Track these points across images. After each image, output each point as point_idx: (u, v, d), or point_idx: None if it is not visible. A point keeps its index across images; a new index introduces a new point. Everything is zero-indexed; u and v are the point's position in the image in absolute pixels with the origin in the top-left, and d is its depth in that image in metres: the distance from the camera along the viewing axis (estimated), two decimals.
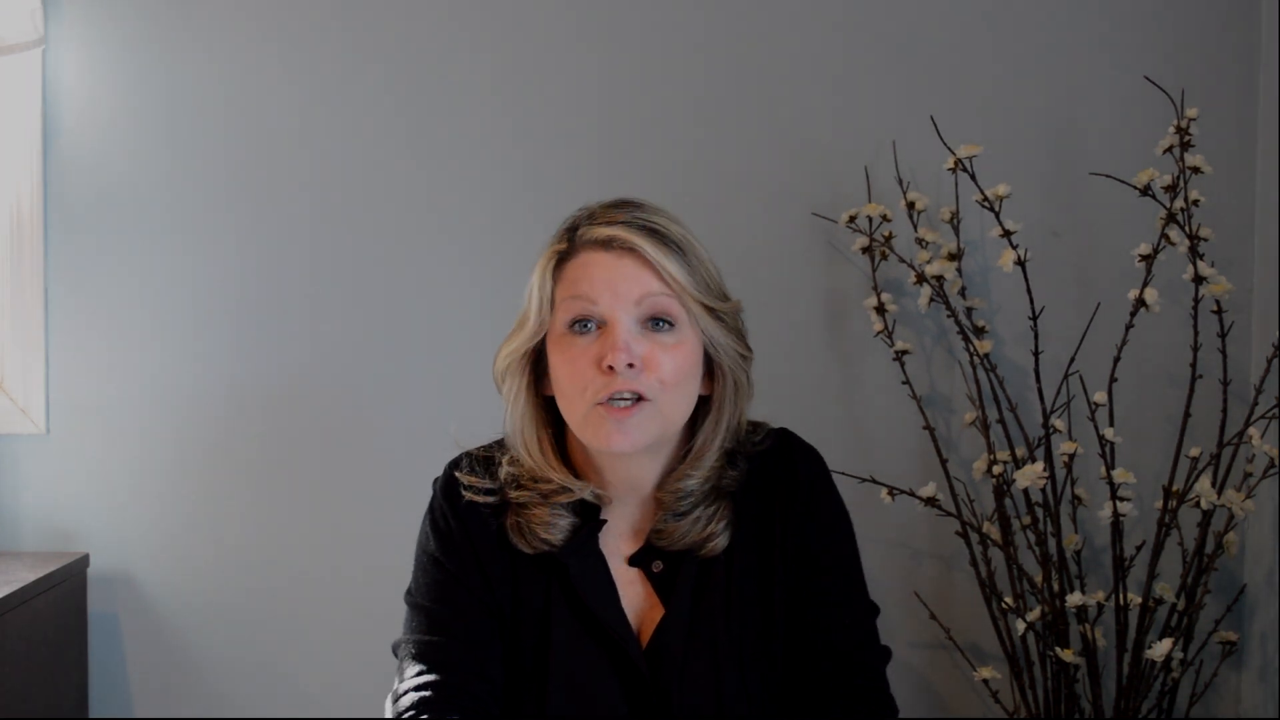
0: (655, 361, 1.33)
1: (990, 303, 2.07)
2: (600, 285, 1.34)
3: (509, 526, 1.41)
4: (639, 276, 1.34)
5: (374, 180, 2.09)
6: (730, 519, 1.41)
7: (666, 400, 1.35)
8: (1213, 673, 2.00)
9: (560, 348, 1.36)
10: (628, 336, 1.33)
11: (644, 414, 1.33)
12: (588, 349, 1.34)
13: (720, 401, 1.41)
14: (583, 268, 1.35)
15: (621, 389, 1.32)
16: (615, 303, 1.34)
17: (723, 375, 1.41)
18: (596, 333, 1.34)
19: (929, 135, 1.98)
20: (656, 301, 1.34)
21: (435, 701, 1.35)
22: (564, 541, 1.40)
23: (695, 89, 2.08)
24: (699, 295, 1.36)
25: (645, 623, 1.41)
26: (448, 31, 2.08)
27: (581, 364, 1.34)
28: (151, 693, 2.12)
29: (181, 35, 2.08)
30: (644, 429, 1.34)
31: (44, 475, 2.11)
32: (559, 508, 1.40)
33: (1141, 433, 2.04)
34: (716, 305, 1.38)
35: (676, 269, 1.34)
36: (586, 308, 1.34)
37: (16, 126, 2.06)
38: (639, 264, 1.34)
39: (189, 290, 2.10)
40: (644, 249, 1.34)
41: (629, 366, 1.32)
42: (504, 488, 1.42)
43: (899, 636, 2.09)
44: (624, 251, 1.34)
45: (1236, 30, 2.05)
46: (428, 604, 1.41)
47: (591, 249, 1.36)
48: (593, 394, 1.33)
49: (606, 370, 1.32)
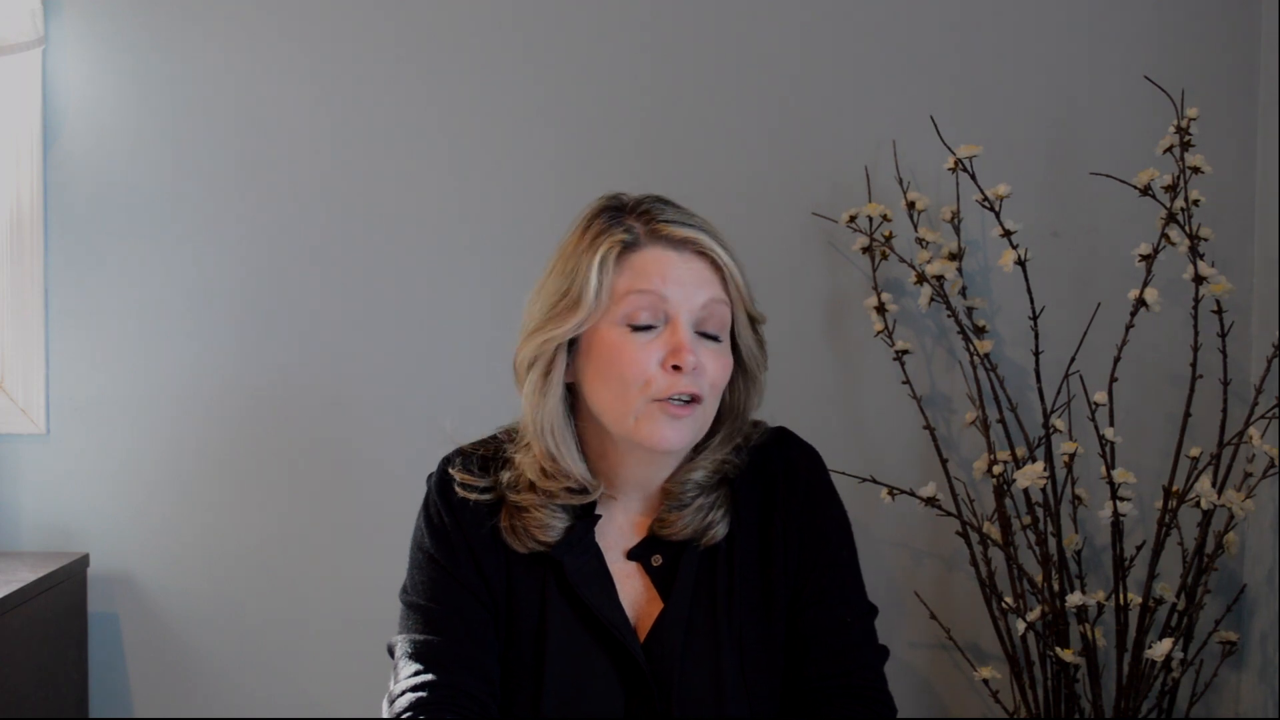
0: (705, 367, 1.36)
1: (990, 303, 2.07)
2: (673, 283, 1.35)
3: (503, 528, 1.41)
4: (710, 281, 1.37)
5: (374, 180, 2.09)
6: (729, 507, 1.42)
7: (710, 405, 1.38)
8: (1213, 673, 2.00)
9: (611, 339, 1.35)
10: (691, 338, 1.36)
11: (695, 415, 1.36)
12: (649, 345, 1.35)
13: (734, 404, 1.44)
14: (655, 263, 1.36)
15: (686, 389, 1.34)
16: (683, 303, 1.36)
17: (744, 381, 1.44)
18: (659, 330, 1.36)
19: (929, 135, 1.98)
20: (717, 309, 1.38)
21: (431, 701, 1.34)
22: (558, 539, 1.40)
23: (695, 89, 2.08)
24: (749, 305, 1.41)
25: (644, 617, 1.41)
26: (448, 31, 2.07)
27: (643, 360, 1.34)
28: (151, 693, 2.12)
29: (182, 35, 2.08)
30: (694, 429, 1.37)
31: (44, 475, 2.11)
32: (557, 509, 1.40)
33: (1141, 433, 2.04)
34: (757, 316, 1.43)
35: (740, 278, 1.39)
36: (654, 303, 1.35)
37: (16, 126, 2.06)
38: (711, 269, 1.38)
39: (189, 290, 2.10)
40: (719, 255, 1.37)
41: (693, 369, 1.35)
42: (500, 486, 1.42)
43: (899, 636, 2.09)
44: (697, 254, 1.37)
45: (1236, 30, 2.05)
46: (423, 602, 1.41)
47: (664, 245, 1.36)
48: (654, 390, 1.34)
49: (672, 370, 1.34)
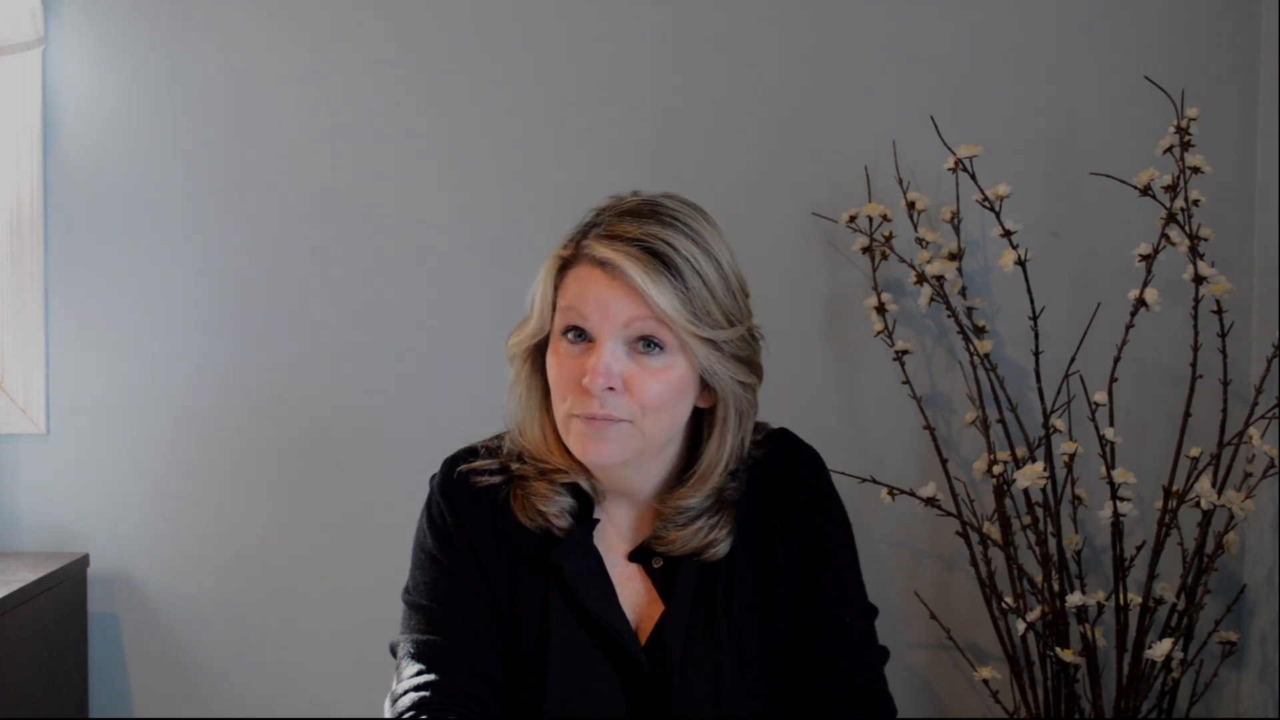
0: (638, 384, 1.32)
1: (990, 303, 2.07)
2: (591, 304, 1.32)
3: (512, 497, 1.41)
4: (630, 300, 1.31)
5: (374, 180, 2.09)
6: (732, 527, 1.41)
7: (647, 421, 1.34)
8: (1213, 673, 2.00)
9: (555, 350, 1.37)
10: (610, 359, 1.32)
11: (620, 431, 1.33)
12: (575, 360, 1.34)
13: (722, 420, 1.39)
14: (578, 282, 1.34)
15: (594, 413, 1.32)
16: (604, 323, 1.32)
17: (723, 399, 1.39)
18: (585, 345, 1.34)
19: (929, 135, 1.98)
20: (645, 325, 1.32)
21: (434, 701, 1.34)
22: (561, 524, 1.40)
23: (695, 89, 2.07)
24: (690, 325, 1.31)
25: (644, 619, 1.41)
26: (448, 31, 2.07)
27: (567, 372, 1.34)
28: (151, 693, 2.12)
29: (182, 35, 2.08)
30: (621, 444, 1.34)
31: (44, 475, 2.11)
32: (558, 485, 1.41)
33: (1141, 433, 2.04)
34: (712, 335, 1.33)
35: (667, 298, 1.30)
36: (578, 321, 1.34)
37: (16, 126, 2.06)
38: (630, 288, 1.31)
39: (189, 290, 2.09)
40: (632, 277, 1.30)
41: (609, 390, 1.32)
42: (508, 463, 1.43)
43: (899, 636, 2.09)
44: (618, 273, 1.31)
45: (1236, 30, 2.05)
46: (425, 602, 1.41)
47: (589, 264, 1.33)
48: (569, 407, 1.34)
49: (584, 389, 1.32)
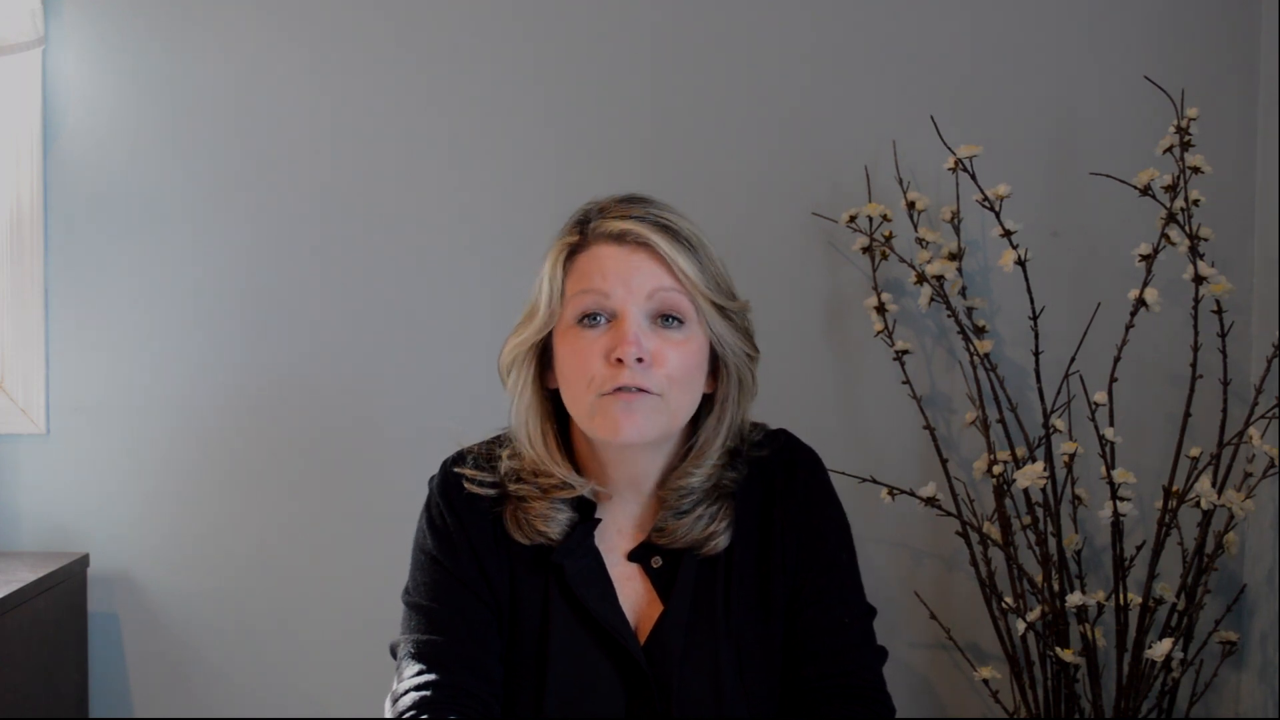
0: (663, 357, 1.34)
1: (990, 303, 2.07)
2: (613, 278, 1.34)
3: (507, 517, 1.41)
4: (652, 271, 1.35)
5: (374, 180, 2.09)
6: (731, 519, 1.41)
7: (673, 396, 1.35)
8: (1213, 673, 2.00)
9: (568, 340, 1.36)
10: (638, 330, 1.34)
11: (650, 405, 1.34)
12: (596, 341, 1.34)
13: (724, 399, 1.42)
14: (595, 260, 1.36)
15: (628, 384, 1.32)
16: (627, 296, 1.34)
17: (728, 373, 1.41)
18: (606, 326, 1.35)
19: (929, 135, 1.98)
20: (668, 297, 1.35)
21: (434, 701, 1.34)
22: (560, 537, 1.40)
23: (695, 89, 2.07)
24: (709, 293, 1.36)
25: (644, 619, 1.41)
26: (448, 31, 2.07)
27: (589, 356, 1.34)
28: (151, 693, 2.12)
29: (182, 35, 2.08)
30: (651, 420, 1.34)
31: (44, 475, 2.11)
32: (558, 502, 1.40)
33: (1141, 433, 2.04)
34: (726, 304, 1.38)
35: (688, 265, 1.35)
36: (599, 300, 1.35)
37: (16, 126, 2.06)
38: (652, 259, 1.35)
39: (189, 290, 2.09)
40: (658, 244, 1.35)
41: (638, 361, 1.32)
42: (504, 481, 1.42)
43: (899, 636, 2.09)
44: (637, 246, 1.35)
45: (1236, 30, 2.05)
46: (426, 603, 1.41)
47: (604, 242, 1.36)
48: (598, 386, 1.33)
49: (615, 363, 1.33)
